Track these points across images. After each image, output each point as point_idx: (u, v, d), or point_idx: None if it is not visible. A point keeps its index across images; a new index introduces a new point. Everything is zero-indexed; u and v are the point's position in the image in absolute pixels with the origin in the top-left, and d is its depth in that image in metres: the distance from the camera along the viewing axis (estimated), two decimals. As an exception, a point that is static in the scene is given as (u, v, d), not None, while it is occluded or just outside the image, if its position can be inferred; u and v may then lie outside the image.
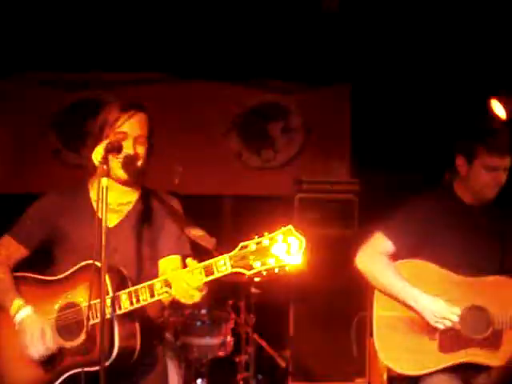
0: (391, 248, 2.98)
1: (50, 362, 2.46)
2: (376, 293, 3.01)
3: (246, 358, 4.64)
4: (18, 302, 2.52)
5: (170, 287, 2.30)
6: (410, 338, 2.90)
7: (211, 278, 2.28)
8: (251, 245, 2.24)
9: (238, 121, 6.15)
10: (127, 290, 2.36)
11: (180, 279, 2.28)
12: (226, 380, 4.75)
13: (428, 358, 2.87)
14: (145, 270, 2.58)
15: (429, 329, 2.87)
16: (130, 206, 2.62)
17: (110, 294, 2.34)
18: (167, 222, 2.59)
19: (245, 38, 5.47)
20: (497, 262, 2.95)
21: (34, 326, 2.46)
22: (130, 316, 2.40)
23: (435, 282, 2.91)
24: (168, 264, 2.60)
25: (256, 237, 2.25)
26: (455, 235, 2.95)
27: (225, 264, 2.25)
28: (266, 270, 2.22)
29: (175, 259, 2.61)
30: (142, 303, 2.34)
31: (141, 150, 2.55)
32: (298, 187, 5.62)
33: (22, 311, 2.50)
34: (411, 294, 2.88)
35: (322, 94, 6.12)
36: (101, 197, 2.22)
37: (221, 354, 4.32)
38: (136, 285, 2.42)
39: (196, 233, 2.38)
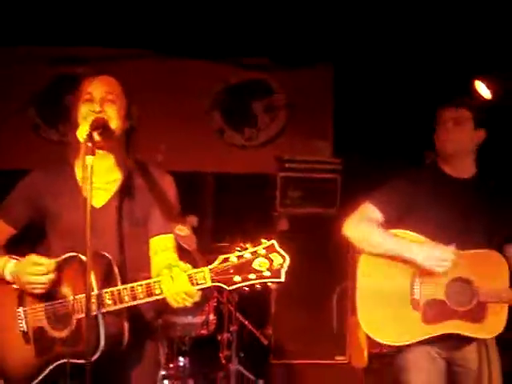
0: (379, 216, 2.97)
1: (41, 347, 2.41)
2: (360, 262, 2.98)
3: (229, 336, 4.65)
4: (1, 260, 2.48)
5: (151, 293, 2.25)
6: (393, 309, 2.88)
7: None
8: (232, 258, 2.18)
9: (221, 98, 6.11)
10: (109, 290, 2.29)
11: (167, 284, 2.23)
12: (209, 358, 4.77)
13: (411, 329, 2.85)
14: (134, 251, 2.52)
15: (412, 299, 2.86)
16: (118, 184, 2.53)
17: (95, 291, 2.28)
18: (158, 200, 2.51)
19: (229, 16, 5.41)
20: (480, 236, 2.94)
21: (24, 265, 2.39)
22: (118, 312, 2.33)
23: None
24: (159, 243, 2.54)
25: (238, 249, 2.18)
26: (438, 207, 2.95)
27: (204, 277, 2.20)
28: (246, 285, 2.18)
29: (166, 238, 2.53)
30: (125, 304, 2.29)
31: (110, 111, 2.45)
32: (281, 165, 5.60)
33: (8, 266, 2.45)
34: (405, 245, 2.88)
35: (305, 73, 6.10)
36: (86, 176, 2.17)
37: (203, 332, 4.34)
38: (124, 271, 2.39)
39: (180, 232, 2.33)
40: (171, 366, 4.40)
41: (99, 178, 2.39)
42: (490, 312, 2.86)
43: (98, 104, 2.44)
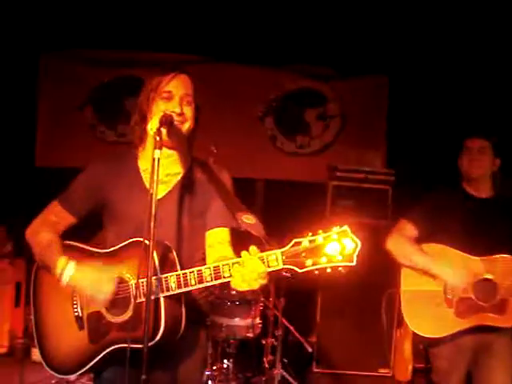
0: (415, 233, 3.49)
1: (96, 333, 2.44)
2: (402, 272, 3.50)
3: (273, 341, 4.65)
4: (61, 261, 2.45)
5: (219, 276, 2.26)
6: (431, 308, 3.40)
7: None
8: (304, 242, 2.19)
9: (275, 105, 6.15)
10: (175, 273, 2.32)
11: (237, 267, 2.23)
12: (252, 361, 4.78)
13: (447, 323, 3.38)
14: (191, 242, 2.55)
15: (446, 299, 3.39)
16: (179, 178, 2.57)
17: (159, 275, 2.32)
18: (217, 194, 2.53)
19: (287, 23, 5.46)
20: (500, 243, 3.40)
21: (88, 274, 2.41)
22: (177, 298, 2.36)
23: (450, 262, 3.41)
24: (216, 236, 2.55)
25: (310, 234, 2.19)
26: (464, 222, 3.43)
27: (276, 259, 2.20)
28: (317, 269, 2.18)
29: (223, 231, 2.55)
30: (190, 288, 2.30)
31: (187, 111, 2.50)
32: (332, 174, 5.60)
33: (68, 269, 2.43)
34: (432, 264, 3.40)
35: (361, 83, 6.11)
36: (153, 169, 2.22)
37: (249, 335, 4.33)
38: (181, 260, 2.41)
39: (247, 220, 2.34)
40: (215, 367, 4.43)
41: (161, 170, 2.39)
42: (511, 306, 3.39)
43: (178, 104, 2.48)
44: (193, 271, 2.30)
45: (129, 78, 5.96)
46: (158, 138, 2.27)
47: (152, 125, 2.35)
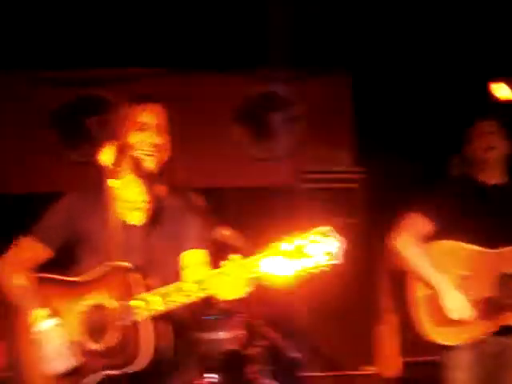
0: (430, 227, 3.17)
1: (79, 363, 2.38)
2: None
3: (259, 350, 4.62)
4: (42, 312, 2.41)
5: (205, 289, 2.23)
6: None
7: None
8: (287, 245, 2.16)
9: (239, 112, 6.11)
10: (156, 292, 2.29)
11: (221, 278, 2.22)
12: (240, 372, 4.73)
13: (468, 327, 3.08)
14: (167, 267, 2.53)
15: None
16: (153, 205, 2.58)
17: (138, 297, 2.30)
18: (191, 217, 2.56)
19: (244, 28, 5.43)
20: None
21: (59, 340, 2.36)
22: (162, 318, 2.32)
23: (466, 259, 3.15)
24: (191, 257, 2.55)
25: (292, 237, 2.17)
26: (475, 213, 3.16)
27: (259, 265, 2.19)
28: (303, 270, 2.15)
29: (199, 253, 2.56)
30: (174, 306, 2.28)
31: (162, 141, 2.54)
32: (301, 177, 5.59)
33: (47, 322, 2.39)
34: (440, 281, 3.12)
35: (323, 82, 6.08)
36: (111, 198, 2.28)
37: (233, 347, 4.30)
38: (157, 286, 2.37)
39: (225, 232, 2.36)
40: (202, 382, 4.39)
41: (134, 197, 2.44)
42: None
43: (152, 134, 2.51)
44: (177, 288, 2.27)
45: (89, 97, 5.89)
46: (116, 168, 2.32)
47: (106, 154, 2.35)
